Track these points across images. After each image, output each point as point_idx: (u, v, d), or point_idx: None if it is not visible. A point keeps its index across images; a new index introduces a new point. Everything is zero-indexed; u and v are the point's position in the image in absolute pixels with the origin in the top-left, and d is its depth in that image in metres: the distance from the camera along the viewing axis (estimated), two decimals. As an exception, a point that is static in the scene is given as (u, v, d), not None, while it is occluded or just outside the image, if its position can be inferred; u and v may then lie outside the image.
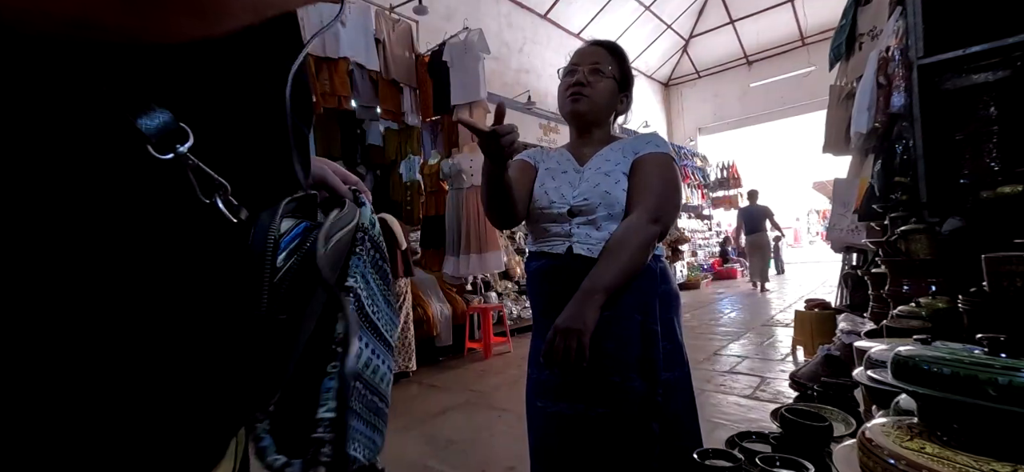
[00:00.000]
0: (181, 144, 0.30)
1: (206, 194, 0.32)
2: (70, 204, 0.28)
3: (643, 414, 1.03)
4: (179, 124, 0.30)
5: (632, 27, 9.89)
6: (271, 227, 0.33)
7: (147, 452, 0.31)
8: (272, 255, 0.33)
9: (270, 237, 0.33)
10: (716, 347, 4.34)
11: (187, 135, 0.30)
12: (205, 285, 0.33)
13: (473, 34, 4.46)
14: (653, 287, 1.10)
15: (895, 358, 0.62)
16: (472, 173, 4.46)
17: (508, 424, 2.74)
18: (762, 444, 1.11)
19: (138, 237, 0.30)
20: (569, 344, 0.95)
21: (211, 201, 0.32)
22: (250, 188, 0.35)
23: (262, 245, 0.33)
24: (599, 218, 1.10)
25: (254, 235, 0.33)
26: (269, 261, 0.33)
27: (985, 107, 1.53)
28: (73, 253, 0.28)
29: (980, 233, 1.38)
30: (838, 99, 3.10)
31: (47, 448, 0.28)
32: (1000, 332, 0.62)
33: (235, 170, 0.34)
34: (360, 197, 0.48)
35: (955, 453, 0.52)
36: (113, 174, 0.30)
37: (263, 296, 0.32)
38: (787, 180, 17.76)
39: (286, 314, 0.33)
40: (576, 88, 1.17)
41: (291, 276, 0.33)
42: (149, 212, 0.31)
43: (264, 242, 0.33)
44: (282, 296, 0.33)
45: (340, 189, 0.54)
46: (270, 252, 0.33)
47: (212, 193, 0.32)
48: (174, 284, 0.31)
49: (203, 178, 0.31)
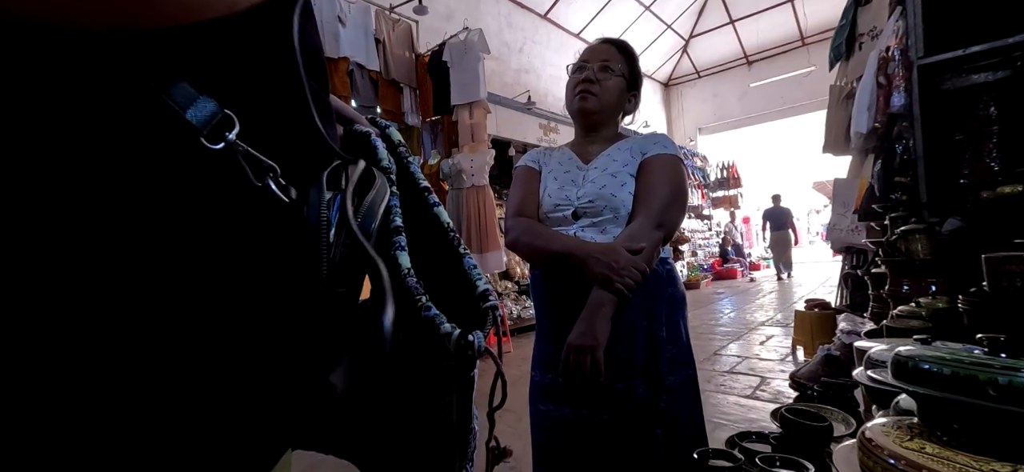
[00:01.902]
0: (229, 131, 0.30)
1: (258, 178, 0.32)
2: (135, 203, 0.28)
3: (646, 420, 1.03)
4: (224, 111, 0.30)
5: (632, 27, 9.88)
6: (322, 204, 0.34)
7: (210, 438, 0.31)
8: (326, 232, 0.34)
9: (323, 214, 0.34)
10: (716, 347, 4.34)
11: (234, 122, 0.30)
12: (269, 267, 0.33)
13: (473, 34, 4.46)
14: (660, 291, 1.09)
15: (895, 358, 0.62)
16: (472, 173, 4.46)
17: (508, 424, 2.74)
18: (762, 444, 1.11)
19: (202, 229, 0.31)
20: (583, 361, 0.95)
21: (264, 184, 0.32)
22: (288, 162, 0.35)
23: (317, 222, 0.33)
24: (604, 221, 1.10)
25: (308, 213, 0.34)
26: (325, 237, 0.33)
27: (985, 107, 1.53)
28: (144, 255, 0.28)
29: (980, 233, 1.38)
30: (838, 99, 3.10)
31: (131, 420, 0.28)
32: (1000, 332, 0.62)
33: (273, 147, 0.34)
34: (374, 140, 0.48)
35: (955, 453, 0.52)
36: (172, 170, 0.29)
37: (322, 271, 0.33)
38: (787, 180, 17.77)
39: (345, 287, 0.34)
40: (585, 85, 1.16)
41: (345, 251, 0.34)
42: (209, 202, 0.31)
43: (318, 219, 0.33)
44: (340, 270, 0.34)
45: (360, 119, 0.53)
46: (325, 229, 0.33)
47: (264, 176, 0.32)
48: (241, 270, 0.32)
49: (253, 163, 0.31)
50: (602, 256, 0.99)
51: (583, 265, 1.01)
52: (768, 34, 10.92)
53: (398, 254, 0.37)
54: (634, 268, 0.98)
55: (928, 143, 1.73)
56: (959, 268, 1.38)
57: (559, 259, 1.07)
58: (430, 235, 0.41)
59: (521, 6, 8.24)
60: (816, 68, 9.91)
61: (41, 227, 0.26)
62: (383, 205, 0.38)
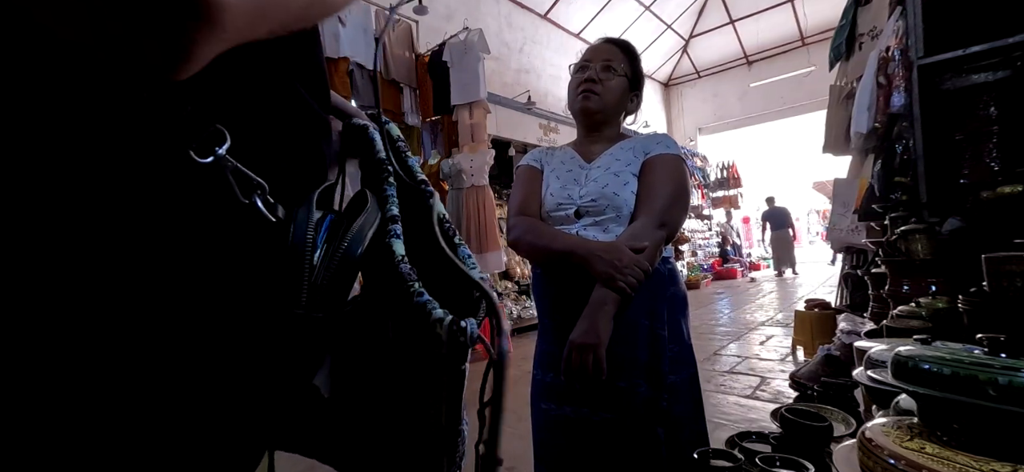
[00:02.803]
0: (219, 146, 0.30)
1: (245, 194, 0.32)
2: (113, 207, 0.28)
3: (648, 419, 1.03)
4: (216, 125, 0.30)
5: (632, 27, 9.87)
6: (309, 224, 0.34)
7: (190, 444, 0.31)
8: (310, 254, 0.33)
9: (309, 236, 0.33)
10: (716, 347, 4.34)
11: (225, 136, 0.30)
12: (245, 285, 0.33)
13: (473, 34, 4.46)
14: (661, 291, 1.09)
15: (895, 358, 0.62)
16: (472, 173, 4.46)
17: (508, 424, 2.73)
18: (762, 444, 1.11)
19: (180, 239, 0.30)
20: (585, 359, 0.95)
21: (251, 201, 0.32)
22: (278, 180, 0.35)
23: (301, 243, 0.33)
24: (607, 220, 1.10)
25: (294, 233, 0.33)
26: (308, 260, 0.33)
27: (985, 107, 1.53)
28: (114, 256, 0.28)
29: (980, 233, 1.38)
30: (838, 99, 3.09)
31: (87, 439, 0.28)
32: (1000, 332, 0.62)
33: (265, 165, 0.34)
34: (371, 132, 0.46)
35: (955, 453, 0.52)
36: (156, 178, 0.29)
37: (302, 295, 0.32)
38: (787, 180, 17.77)
39: (324, 312, 0.33)
40: (587, 85, 1.16)
41: (328, 275, 0.34)
42: (190, 214, 0.31)
43: (304, 240, 0.33)
44: (321, 295, 0.33)
45: (359, 114, 0.52)
46: (309, 252, 0.33)
47: (251, 193, 0.32)
48: (214, 284, 0.32)
49: (242, 179, 0.31)
50: (604, 254, 1.00)
51: (585, 263, 1.01)
52: (768, 34, 10.92)
53: (393, 241, 0.37)
54: (636, 267, 0.98)
55: (928, 143, 1.73)
56: (959, 268, 1.38)
57: (561, 258, 1.07)
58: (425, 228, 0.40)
59: (521, 6, 8.24)
60: (816, 68, 9.91)
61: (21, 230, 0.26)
62: (372, 230, 0.37)
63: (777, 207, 10.80)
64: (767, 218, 10.93)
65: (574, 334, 0.98)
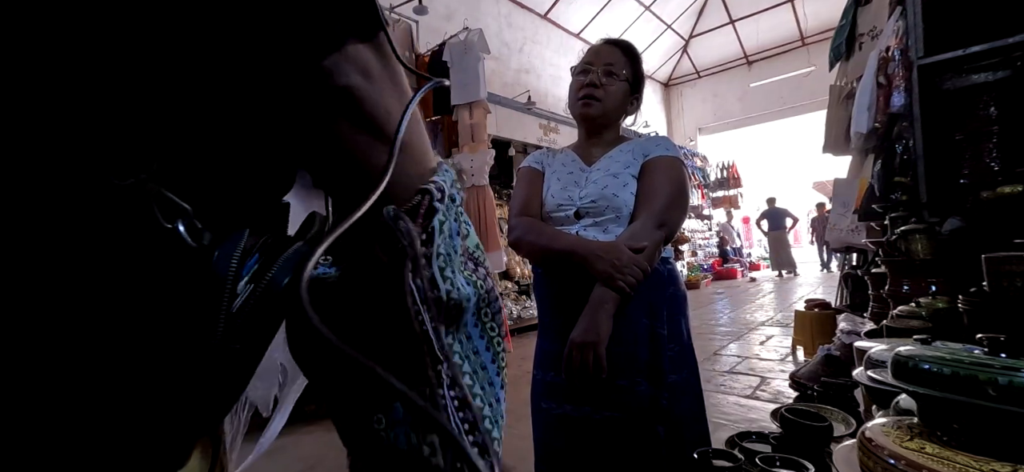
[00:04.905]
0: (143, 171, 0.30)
1: (168, 219, 0.31)
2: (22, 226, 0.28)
3: (648, 417, 1.03)
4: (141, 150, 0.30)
5: (632, 27, 9.87)
6: (235, 252, 0.32)
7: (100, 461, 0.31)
8: (233, 283, 0.31)
9: (233, 263, 0.32)
10: (716, 347, 4.34)
11: (150, 161, 0.30)
12: (160, 310, 0.32)
13: (473, 34, 4.46)
14: (661, 290, 1.10)
15: (895, 358, 0.62)
16: (472, 173, 4.46)
17: (508, 424, 2.74)
18: (762, 444, 1.11)
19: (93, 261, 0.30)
20: (586, 357, 0.96)
21: (173, 226, 0.31)
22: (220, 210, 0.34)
23: (223, 271, 0.31)
24: (606, 221, 1.11)
25: (217, 260, 0.32)
26: (229, 289, 0.31)
27: (985, 107, 1.53)
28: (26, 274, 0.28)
29: (980, 233, 1.38)
30: (838, 99, 3.09)
31: None
32: (1000, 332, 0.62)
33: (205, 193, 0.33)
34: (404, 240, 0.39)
35: (955, 453, 0.52)
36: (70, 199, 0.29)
37: (219, 325, 0.31)
38: (787, 180, 17.77)
39: (241, 344, 0.32)
40: (588, 90, 1.16)
41: (251, 306, 0.32)
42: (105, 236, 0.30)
43: (227, 269, 0.31)
44: (239, 326, 0.32)
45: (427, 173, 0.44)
46: (231, 280, 0.31)
47: (174, 218, 0.31)
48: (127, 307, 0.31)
49: (164, 203, 0.30)
50: (604, 254, 1.00)
51: (585, 263, 1.02)
52: (768, 34, 10.92)
53: None
54: (636, 266, 0.99)
55: (928, 143, 1.73)
56: (959, 268, 1.38)
57: (561, 257, 1.07)
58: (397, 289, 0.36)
59: (521, 6, 8.24)
60: (816, 68, 9.91)
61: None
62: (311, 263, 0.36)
63: (776, 208, 10.92)
64: (764, 218, 11.09)
65: (574, 333, 0.99)
